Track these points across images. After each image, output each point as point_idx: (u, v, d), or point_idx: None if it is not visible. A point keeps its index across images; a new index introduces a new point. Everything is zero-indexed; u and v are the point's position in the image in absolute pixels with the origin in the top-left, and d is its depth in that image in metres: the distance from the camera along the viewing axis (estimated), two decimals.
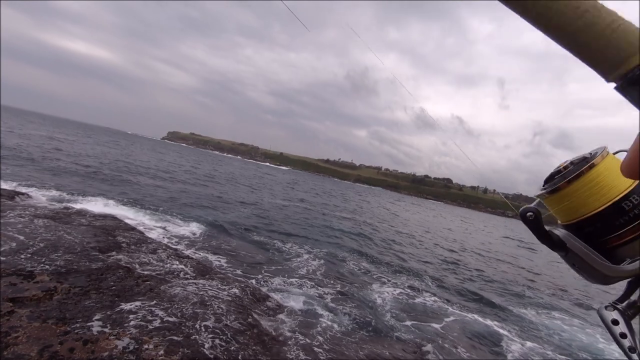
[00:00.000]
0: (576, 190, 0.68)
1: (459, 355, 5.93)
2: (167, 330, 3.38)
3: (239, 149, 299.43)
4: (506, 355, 6.49)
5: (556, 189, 0.70)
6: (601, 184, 0.66)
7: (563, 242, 0.70)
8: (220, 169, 49.00)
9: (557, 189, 0.70)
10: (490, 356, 6.35)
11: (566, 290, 13.89)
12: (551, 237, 0.72)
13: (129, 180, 17.63)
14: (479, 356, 6.08)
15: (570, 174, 0.68)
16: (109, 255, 4.97)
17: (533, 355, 6.67)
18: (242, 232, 11.55)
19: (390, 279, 9.91)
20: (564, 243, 0.70)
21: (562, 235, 0.71)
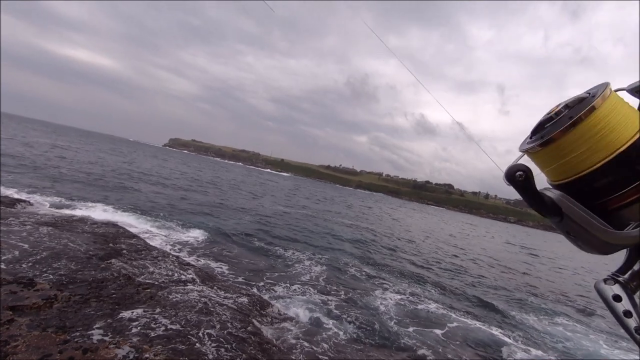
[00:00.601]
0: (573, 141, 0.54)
1: None
2: (167, 338, 3.34)
3: (240, 156, 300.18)
4: None
5: (548, 140, 0.56)
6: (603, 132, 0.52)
7: (557, 205, 0.58)
8: (221, 175, 49.04)
9: (550, 140, 0.56)
10: None
11: (568, 295, 13.76)
12: (544, 200, 0.59)
13: (131, 187, 17.66)
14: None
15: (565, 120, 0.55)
16: (110, 262, 4.94)
17: None
18: (244, 239, 11.51)
19: (393, 285, 9.83)
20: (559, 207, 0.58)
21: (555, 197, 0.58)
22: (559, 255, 36.09)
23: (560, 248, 50.30)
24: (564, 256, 35.90)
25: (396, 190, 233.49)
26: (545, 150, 0.58)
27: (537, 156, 0.62)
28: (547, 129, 0.58)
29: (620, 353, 8.16)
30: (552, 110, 0.59)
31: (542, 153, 0.60)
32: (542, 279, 16.61)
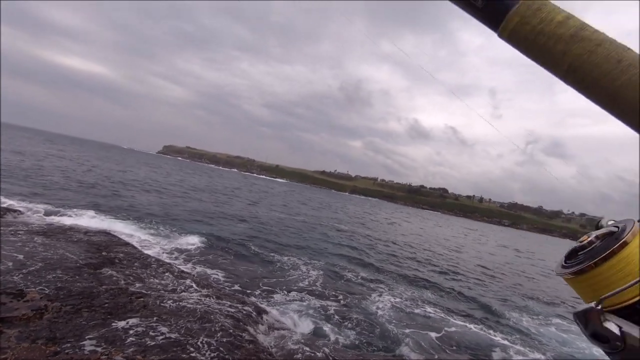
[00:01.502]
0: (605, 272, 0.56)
1: None
2: (161, 348, 3.28)
3: (235, 162, 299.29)
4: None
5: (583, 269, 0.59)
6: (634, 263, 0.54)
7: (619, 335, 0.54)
8: (216, 182, 48.79)
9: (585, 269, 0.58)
10: None
11: (561, 297, 13.84)
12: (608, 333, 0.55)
13: (124, 194, 17.48)
14: None
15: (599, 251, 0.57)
16: (102, 271, 4.86)
17: None
18: (240, 245, 11.42)
19: (390, 289, 9.81)
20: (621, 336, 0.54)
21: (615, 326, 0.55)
22: (552, 257, 36.40)
23: (553, 250, 50.74)
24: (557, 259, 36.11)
25: (391, 195, 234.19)
26: (580, 278, 0.60)
27: (571, 281, 0.64)
28: (581, 258, 0.60)
29: None
30: (584, 240, 0.62)
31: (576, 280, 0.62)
32: (535, 281, 16.70)
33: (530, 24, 0.55)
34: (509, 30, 0.57)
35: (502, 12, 0.58)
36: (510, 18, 0.57)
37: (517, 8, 0.56)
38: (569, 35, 0.53)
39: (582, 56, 0.51)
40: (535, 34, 0.55)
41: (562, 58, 0.53)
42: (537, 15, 0.55)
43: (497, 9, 0.58)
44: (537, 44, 0.55)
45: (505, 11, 0.57)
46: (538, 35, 0.55)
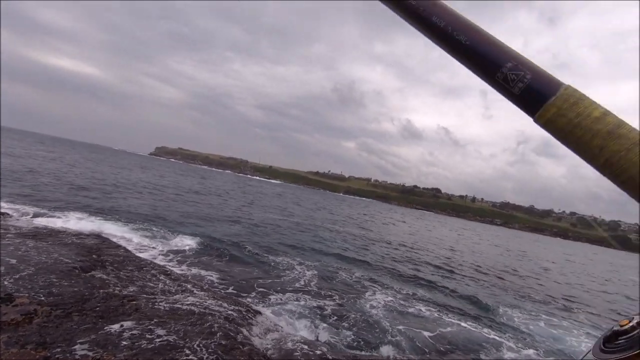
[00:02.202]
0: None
1: None
2: (154, 351, 3.25)
3: (228, 163, 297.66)
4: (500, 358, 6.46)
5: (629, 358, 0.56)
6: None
7: None
8: (209, 183, 48.48)
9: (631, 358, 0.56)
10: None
11: (553, 295, 14.03)
12: None
13: (116, 196, 17.28)
14: None
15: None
16: (93, 275, 4.79)
17: None
18: (234, 247, 11.36)
19: (384, 288, 9.84)
20: None
21: None
22: (543, 256, 36.89)
23: (543, 250, 51.38)
24: (548, 257, 36.68)
25: (385, 195, 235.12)
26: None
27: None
28: (624, 344, 0.58)
29: None
30: (625, 324, 0.60)
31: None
32: (527, 279, 16.89)
33: (567, 117, 0.56)
34: (545, 119, 0.58)
35: (538, 101, 0.59)
36: (547, 108, 0.58)
37: (554, 100, 0.57)
38: (606, 132, 0.53)
39: (619, 153, 0.52)
40: (572, 127, 0.56)
41: (599, 152, 0.54)
42: (574, 109, 0.56)
43: (534, 98, 0.59)
44: (574, 136, 0.56)
45: (542, 101, 0.58)
46: (575, 128, 0.55)
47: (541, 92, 0.58)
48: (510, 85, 0.60)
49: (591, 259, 51.20)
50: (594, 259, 53.07)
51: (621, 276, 31.33)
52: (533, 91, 0.59)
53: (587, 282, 21.16)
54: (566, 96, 0.57)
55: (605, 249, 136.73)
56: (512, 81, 0.59)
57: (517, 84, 0.59)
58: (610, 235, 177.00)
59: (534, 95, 0.59)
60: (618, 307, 14.16)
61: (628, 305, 15.65)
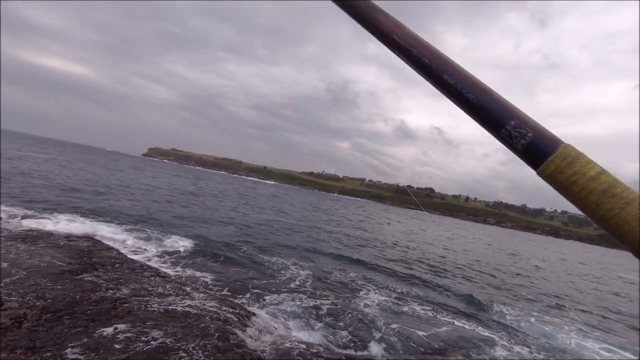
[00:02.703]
0: None
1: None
2: (147, 353, 3.22)
3: (222, 164, 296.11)
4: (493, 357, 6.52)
5: None
6: None
7: None
8: (203, 184, 48.18)
9: None
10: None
11: (545, 292, 14.20)
12: None
13: (108, 198, 17.09)
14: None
15: None
16: (84, 277, 4.74)
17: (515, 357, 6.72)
18: (229, 248, 11.30)
19: (379, 287, 9.87)
20: None
21: None
22: (535, 255, 37.32)
23: (535, 249, 51.95)
24: (539, 256, 37.12)
25: (379, 195, 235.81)
26: None
27: None
28: None
29: (590, 342, 8.47)
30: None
31: None
32: (520, 278, 17.07)
33: (565, 174, 0.61)
34: (545, 174, 0.63)
35: (540, 157, 0.63)
36: (547, 165, 0.62)
37: (554, 158, 0.62)
38: (601, 190, 0.58)
39: (613, 211, 0.56)
40: (569, 184, 0.60)
41: (595, 209, 0.58)
42: (572, 167, 0.60)
43: (535, 155, 0.64)
44: (572, 192, 0.60)
45: (543, 157, 0.63)
46: (572, 185, 0.60)
47: (542, 149, 0.63)
48: (514, 142, 0.65)
49: (581, 256, 51.91)
50: (585, 257, 53.80)
51: (610, 274, 31.83)
52: (535, 148, 0.64)
53: (577, 280, 21.45)
54: (564, 155, 0.61)
55: (596, 247, 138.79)
56: (515, 138, 0.65)
57: (520, 140, 0.64)
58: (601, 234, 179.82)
59: (536, 151, 0.64)
60: (608, 305, 14.37)
61: (617, 301, 15.90)
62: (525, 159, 0.65)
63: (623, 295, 18.63)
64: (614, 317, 12.28)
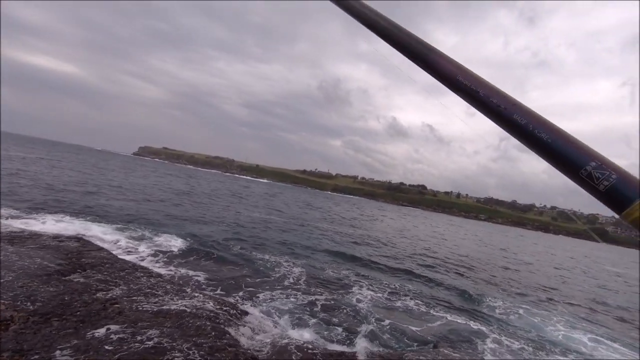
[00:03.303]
0: None
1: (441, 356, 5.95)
2: (138, 354, 3.19)
3: (214, 162, 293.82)
4: (483, 352, 6.61)
5: None
6: None
7: None
8: (194, 182, 47.77)
9: None
10: (466, 354, 6.43)
11: (534, 286, 14.45)
12: None
13: (98, 198, 16.84)
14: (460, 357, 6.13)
15: None
16: (73, 278, 4.67)
17: (505, 352, 6.83)
18: (222, 246, 11.25)
19: (372, 284, 9.94)
20: None
21: None
22: (525, 250, 37.89)
23: (526, 244, 52.69)
24: (529, 251, 37.70)
25: (372, 193, 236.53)
26: None
27: None
28: None
29: (578, 334, 8.66)
30: None
31: None
32: (510, 272, 17.34)
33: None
34: (631, 218, 0.61)
35: (625, 201, 0.62)
36: (633, 209, 0.61)
37: None
38: None
39: None
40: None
41: None
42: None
43: (620, 197, 0.62)
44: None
45: (628, 201, 0.62)
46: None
47: (627, 192, 0.62)
48: (596, 183, 0.64)
49: (570, 251, 52.88)
50: (573, 251, 54.83)
51: (597, 267, 32.52)
52: (619, 191, 0.62)
53: (565, 274, 21.87)
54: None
55: (584, 241, 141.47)
56: (596, 179, 0.63)
57: (602, 182, 0.63)
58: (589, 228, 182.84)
59: (620, 194, 0.62)
60: (595, 297, 14.69)
61: (604, 294, 16.26)
62: (607, 201, 0.63)
63: (609, 288, 19.06)
64: (601, 309, 12.56)
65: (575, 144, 0.65)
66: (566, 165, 0.65)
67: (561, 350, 7.56)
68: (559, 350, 7.54)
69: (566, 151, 0.65)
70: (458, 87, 0.75)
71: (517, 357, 6.75)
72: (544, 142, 0.66)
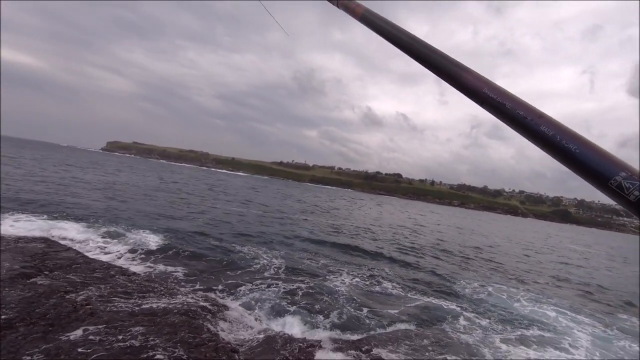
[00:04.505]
0: None
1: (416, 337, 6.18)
2: (113, 355, 3.11)
3: (188, 156, 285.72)
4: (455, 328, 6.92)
5: None
6: None
7: None
8: (168, 177, 46.38)
9: None
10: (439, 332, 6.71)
11: (504, 267, 15.22)
12: None
13: (65, 196, 16.00)
14: (434, 335, 6.39)
15: None
16: (39, 281, 4.46)
17: (476, 328, 7.18)
18: (199, 241, 11.05)
19: (351, 270, 10.14)
20: None
21: None
22: (495, 233, 39.67)
23: (497, 227, 55.12)
24: (499, 234, 39.50)
25: (349, 182, 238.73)
26: None
27: None
28: None
29: (543, 307, 9.23)
30: None
31: None
32: (481, 254, 18.14)
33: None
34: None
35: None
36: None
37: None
38: None
39: None
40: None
41: None
42: None
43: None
44: None
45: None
46: None
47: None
48: (626, 193, 0.62)
49: (537, 232, 55.92)
50: (539, 232, 58.04)
51: (561, 245, 34.65)
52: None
53: (531, 253, 23.16)
54: None
55: (549, 222, 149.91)
56: (627, 189, 0.62)
57: (632, 192, 0.62)
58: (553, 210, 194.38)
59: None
60: (559, 274, 15.67)
61: (567, 270, 17.38)
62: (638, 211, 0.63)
63: (571, 264, 20.38)
64: (564, 285, 13.43)
65: (604, 155, 0.65)
66: (595, 176, 0.65)
67: (527, 324, 8.04)
68: (525, 324, 8.02)
69: (595, 162, 0.64)
70: (484, 100, 0.76)
71: (486, 332, 7.11)
72: (572, 153, 0.66)
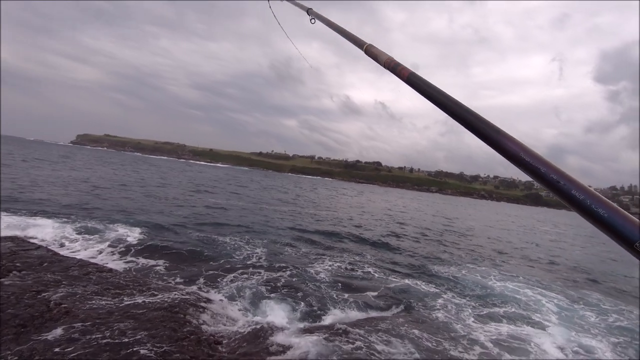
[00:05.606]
0: None
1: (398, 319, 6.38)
2: (91, 354, 3.05)
3: (164, 148, 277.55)
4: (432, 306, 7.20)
5: None
6: None
7: None
8: (143, 170, 44.99)
9: None
10: (416, 312, 6.97)
11: (481, 249, 15.87)
12: None
13: (33, 192, 15.24)
14: (411, 315, 6.62)
15: None
16: (8, 281, 4.27)
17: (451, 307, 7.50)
18: (179, 234, 10.85)
19: (332, 257, 10.30)
20: None
21: None
22: (471, 217, 41.08)
23: (473, 211, 57.03)
24: (475, 217, 40.94)
25: (329, 172, 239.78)
26: None
27: None
28: None
29: (514, 284, 9.73)
30: None
31: None
32: (457, 237, 18.82)
33: None
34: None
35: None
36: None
37: None
38: None
39: None
40: None
41: None
42: None
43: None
44: None
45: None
46: None
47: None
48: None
49: (508, 215, 58.40)
50: (511, 215, 60.63)
51: (533, 227, 36.37)
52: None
53: (504, 235, 24.23)
54: None
55: (522, 206, 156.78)
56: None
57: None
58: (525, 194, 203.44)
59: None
60: (529, 254, 16.52)
61: (536, 250, 18.34)
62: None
63: (541, 245, 21.48)
64: (535, 265, 14.17)
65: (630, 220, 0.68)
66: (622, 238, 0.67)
67: (501, 301, 8.47)
68: (498, 302, 8.44)
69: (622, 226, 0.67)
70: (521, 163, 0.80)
71: (460, 309, 7.44)
72: (601, 217, 0.68)
